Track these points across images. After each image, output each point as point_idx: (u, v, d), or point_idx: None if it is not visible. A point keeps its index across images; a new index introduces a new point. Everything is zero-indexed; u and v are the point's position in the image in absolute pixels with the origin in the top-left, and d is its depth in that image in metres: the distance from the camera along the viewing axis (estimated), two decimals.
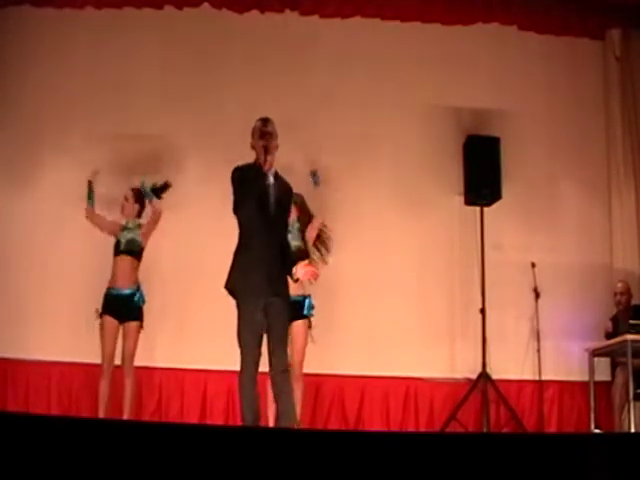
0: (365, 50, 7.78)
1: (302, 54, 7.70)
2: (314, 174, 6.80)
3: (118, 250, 6.55)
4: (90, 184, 6.67)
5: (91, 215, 6.68)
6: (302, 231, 6.58)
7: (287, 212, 5.23)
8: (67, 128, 7.40)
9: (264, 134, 4.99)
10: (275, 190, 5.02)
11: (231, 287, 4.97)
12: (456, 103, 7.73)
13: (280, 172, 5.13)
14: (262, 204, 4.95)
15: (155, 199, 6.67)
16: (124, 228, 6.64)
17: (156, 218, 6.69)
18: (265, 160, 4.96)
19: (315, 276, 5.34)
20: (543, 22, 7.94)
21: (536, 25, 7.93)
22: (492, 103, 7.75)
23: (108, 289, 6.48)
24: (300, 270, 5.09)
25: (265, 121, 5.07)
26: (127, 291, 6.47)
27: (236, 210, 4.97)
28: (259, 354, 4.90)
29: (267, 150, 4.96)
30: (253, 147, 5.03)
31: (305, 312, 6.38)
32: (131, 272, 6.54)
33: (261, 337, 4.91)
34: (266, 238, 4.94)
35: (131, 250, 6.55)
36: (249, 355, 4.87)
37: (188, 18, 7.66)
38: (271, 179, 5.01)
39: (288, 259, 5.11)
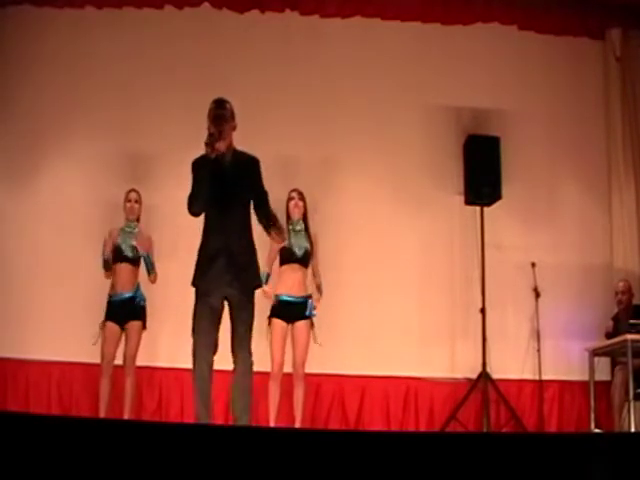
0: (365, 50, 7.78)
1: (302, 54, 7.71)
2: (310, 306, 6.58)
3: (119, 257, 6.52)
4: (107, 262, 6.50)
5: (107, 273, 6.55)
6: (308, 230, 6.57)
7: (253, 186, 4.93)
8: (67, 128, 7.40)
9: (216, 118, 4.86)
10: (232, 169, 4.87)
11: (194, 283, 4.86)
12: (456, 103, 7.73)
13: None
14: (218, 189, 4.80)
15: (152, 272, 6.64)
16: (122, 231, 6.62)
17: (152, 281, 6.68)
18: (213, 148, 4.77)
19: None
20: (543, 22, 7.94)
21: (536, 25, 7.93)
22: (492, 103, 7.75)
23: (110, 296, 6.49)
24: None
25: (218, 103, 4.93)
26: (128, 294, 6.48)
27: (188, 208, 4.83)
28: (213, 345, 4.76)
29: (218, 136, 4.80)
30: (208, 130, 4.87)
31: (307, 313, 6.40)
32: (132, 278, 6.55)
33: (216, 327, 4.79)
34: (225, 223, 4.79)
35: (134, 258, 6.55)
36: (200, 347, 4.74)
37: (188, 18, 7.66)
38: (227, 159, 4.88)
39: (269, 218, 4.92)
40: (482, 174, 7.42)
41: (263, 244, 5.51)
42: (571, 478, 3.21)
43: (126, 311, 6.45)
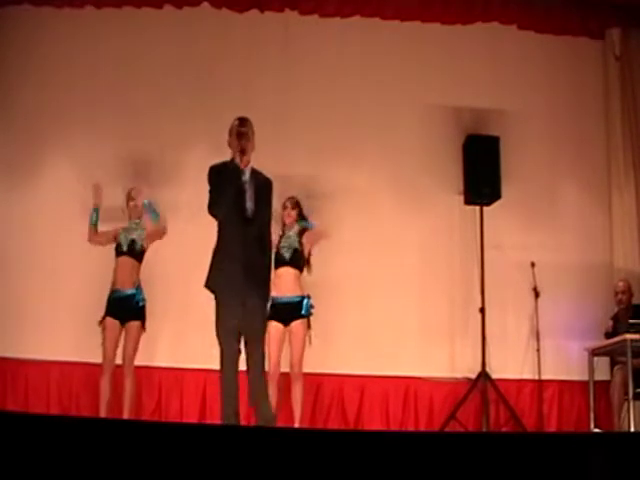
0: (365, 50, 7.78)
1: (302, 54, 7.70)
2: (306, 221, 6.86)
3: (119, 251, 6.57)
4: (97, 210, 6.63)
5: (93, 237, 6.65)
6: (301, 234, 6.66)
7: (267, 207, 5.22)
8: (67, 128, 7.40)
9: (240, 134, 5.09)
10: (252, 187, 5.07)
11: (211, 285, 5.04)
12: (456, 103, 7.73)
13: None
14: (238, 202, 5.00)
15: (157, 219, 6.70)
16: (124, 229, 6.65)
17: (160, 234, 6.73)
18: (241, 160, 5.06)
19: None
20: (543, 22, 7.93)
21: (536, 25, 7.93)
22: (492, 103, 7.75)
23: (111, 292, 6.50)
24: None
25: (242, 121, 5.15)
26: (128, 292, 6.49)
27: (210, 209, 5.06)
28: (239, 350, 4.98)
29: (243, 151, 5.06)
30: (230, 145, 5.13)
31: (304, 312, 6.43)
32: (132, 273, 6.55)
33: (239, 333, 4.99)
34: (243, 235, 4.98)
35: (132, 251, 6.57)
36: (228, 351, 4.94)
37: (188, 18, 7.65)
38: (247, 176, 5.07)
39: (267, 257, 5.18)
40: (482, 174, 7.42)
41: None
42: (571, 478, 3.21)
43: (126, 309, 6.45)
